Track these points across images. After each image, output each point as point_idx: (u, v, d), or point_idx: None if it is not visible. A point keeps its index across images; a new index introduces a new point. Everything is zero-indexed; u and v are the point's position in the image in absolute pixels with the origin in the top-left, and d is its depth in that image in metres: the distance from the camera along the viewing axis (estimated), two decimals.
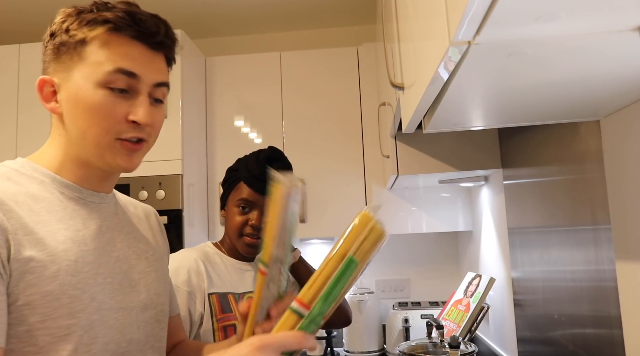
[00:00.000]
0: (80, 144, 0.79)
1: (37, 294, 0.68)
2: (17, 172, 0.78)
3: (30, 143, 2.18)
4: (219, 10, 2.51)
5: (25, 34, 2.60)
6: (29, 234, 0.70)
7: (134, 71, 0.77)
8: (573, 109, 1.00)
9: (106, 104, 0.76)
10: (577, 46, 0.65)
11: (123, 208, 0.91)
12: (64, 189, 0.79)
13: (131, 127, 0.78)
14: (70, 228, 0.76)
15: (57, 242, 0.72)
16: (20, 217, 0.70)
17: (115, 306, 0.78)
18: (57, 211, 0.76)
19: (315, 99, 2.38)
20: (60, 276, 0.70)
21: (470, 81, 0.78)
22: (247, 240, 1.36)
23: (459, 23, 0.56)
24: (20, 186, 0.75)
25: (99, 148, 0.78)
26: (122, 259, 0.83)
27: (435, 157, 1.83)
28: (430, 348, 1.75)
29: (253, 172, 1.36)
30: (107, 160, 0.78)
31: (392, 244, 2.64)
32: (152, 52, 0.79)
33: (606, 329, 1.11)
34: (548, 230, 1.42)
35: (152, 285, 0.87)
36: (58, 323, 0.70)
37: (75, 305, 0.71)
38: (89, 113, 0.76)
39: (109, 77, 0.76)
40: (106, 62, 0.76)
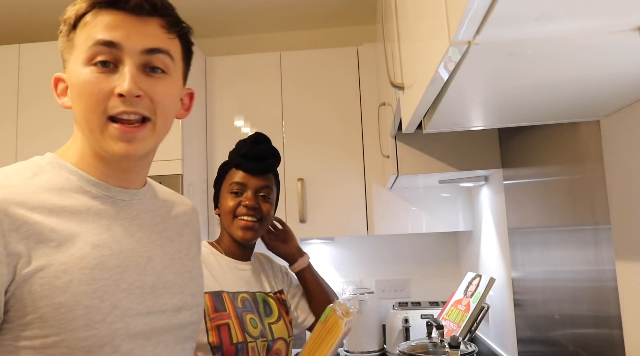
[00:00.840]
0: (84, 133, 0.75)
1: (48, 307, 0.64)
2: (43, 168, 0.73)
3: (30, 143, 2.18)
4: (219, 10, 2.51)
5: (25, 34, 2.60)
6: (43, 242, 0.66)
7: (112, 39, 0.71)
8: (573, 109, 1.00)
9: (90, 81, 0.71)
10: (577, 46, 0.65)
11: (160, 204, 0.86)
12: (90, 187, 0.75)
13: (118, 102, 0.71)
14: (91, 231, 0.71)
15: (74, 248, 0.68)
16: (35, 222, 0.66)
17: (144, 311, 0.73)
18: (81, 212, 0.72)
19: (315, 99, 2.38)
20: (72, 286, 0.66)
21: (471, 81, 0.78)
22: (241, 222, 1.32)
23: (459, 23, 0.56)
24: (45, 184, 0.71)
25: (94, 133, 0.72)
26: (155, 259, 0.78)
27: (435, 157, 1.83)
28: (430, 348, 1.75)
29: (240, 152, 1.37)
30: (103, 146, 0.73)
31: (392, 244, 2.64)
32: (137, 17, 0.73)
33: (606, 329, 1.11)
34: (548, 230, 1.42)
35: (188, 286, 0.83)
36: (75, 335, 0.65)
37: (93, 315, 0.67)
38: (79, 95, 0.73)
39: (89, 52, 0.71)
40: (87, 39, 0.72)
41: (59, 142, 1.99)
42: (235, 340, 1.22)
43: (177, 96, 0.80)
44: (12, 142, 2.19)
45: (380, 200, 2.28)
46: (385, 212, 2.28)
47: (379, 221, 2.27)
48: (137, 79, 0.72)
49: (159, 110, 0.75)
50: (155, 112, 0.74)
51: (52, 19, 2.50)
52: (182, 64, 0.81)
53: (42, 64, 2.24)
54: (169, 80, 0.77)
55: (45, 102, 2.20)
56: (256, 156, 1.36)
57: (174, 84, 0.78)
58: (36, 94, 2.22)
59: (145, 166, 0.82)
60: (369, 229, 2.29)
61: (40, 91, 2.22)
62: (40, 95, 2.21)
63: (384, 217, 2.27)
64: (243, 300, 1.30)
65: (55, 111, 2.17)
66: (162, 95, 0.75)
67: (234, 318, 1.24)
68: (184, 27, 0.80)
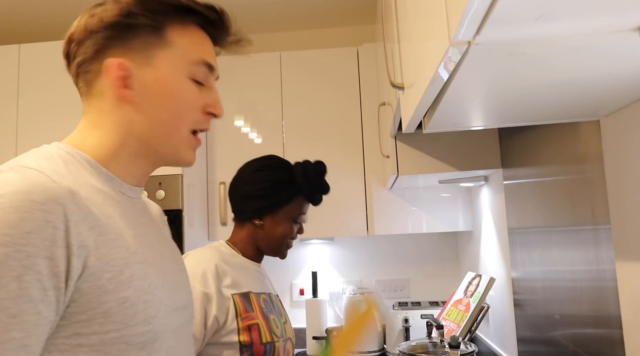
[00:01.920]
0: (157, 135, 0.73)
1: (113, 301, 0.62)
2: (71, 161, 0.68)
3: (30, 143, 2.17)
4: None
5: (25, 34, 2.60)
6: (104, 233, 0.63)
7: (213, 63, 0.77)
8: (573, 109, 1.00)
9: (192, 95, 0.75)
10: (577, 46, 0.65)
11: (147, 204, 0.86)
12: (109, 182, 0.71)
13: (207, 119, 0.78)
14: (128, 225, 0.69)
15: (127, 242, 0.66)
16: (92, 212, 0.63)
17: (173, 307, 0.73)
18: (114, 205, 0.69)
19: (315, 99, 2.38)
20: (134, 281, 0.65)
21: (470, 81, 0.78)
22: (290, 245, 1.41)
23: (459, 23, 0.56)
24: (78, 174, 0.66)
25: (175, 140, 0.74)
26: (165, 256, 0.78)
27: (435, 157, 1.83)
28: (430, 348, 1.75)
29: (317, 188, 1.40)
30: (180, 153, 0.76)
31: (392, 244, 2.64)
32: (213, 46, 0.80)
33: (606, 329, 1.11)
34: (548, 230, 1.42)
35: (185, 285, 0.84)
36: (135, 330, 0.64)
37: (150, 310, 0.66)
38: (176, 103, 0.73)
39: (195, 69, 0.75)
40: (194, 53, 0.75)
41: (58, 141, 1.98)
42: (264, 340, 1.26)
43: None
44: (12, 142, 2.19)
45: (380, 200, 2.28)
46: (385, 212, 2.28)
47: (379, 221, 2.27)
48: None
49: None
50: None
51: (52, 19, 2.50)
52: None
53: (42, 64, 2.24)
54: None
55: (45, 102, 2.20)
56: (324, 191, 1.42)
57: None
58: (36, 94, 2.22)
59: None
60: (369, 229, 2.29)
61: (40, 90, 2.22)
62: (40, 95, 2.21)
63: (384, 217, 2.27)
64: (265, 301, 1.34)
65: (56, 111, 2.18)
66: None
67: (261, 319, 1.28)
68: None
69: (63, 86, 2.19)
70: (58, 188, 0.59)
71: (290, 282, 2.66)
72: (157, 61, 0.72)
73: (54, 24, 2.53)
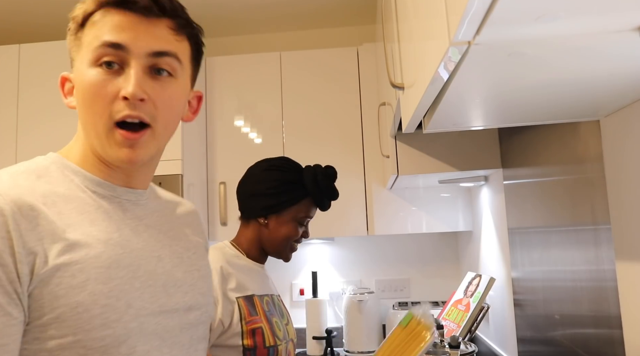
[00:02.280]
0: (89, 136, 0.73)
1: (65, 306, 0.63)
2: (47, 169, 0.72)
3: (30, 142, 2.18)
4: (219, 11, 2.51)
5: (25, 34, 2.60)
6: (57, 241, 0.65)
7: (119, 41, 0.69)
8: (573, 109, 1.00)
9: (96, 83, 0.69)
10: (577, 46, 0.65)
11: (164, 204, 0.85)
12: (96, 188, 0.73)
13: (126, 105, 0.69)
14: (103, 230, 0.70)
15: (88, 247, 0.67)
16: (49, 222, 0.65)
17: (157, 311, 0.72)
18: (90, 212, 0.70)
19: (315, 99, 2.38)
20: (89, 285, 0.65)
21: (470, 81, 0.78)
22: (294, 248, 1.41)
23: (459, 23, 0.56)
24: (50, 185, 0.69)
25: (99, 138, 0.71)
26: (164, 258, 0.77)
27: (435, 157, 1.83)
28: (430, 348, 1.75)
29: (326, 193, 1.39)
30: (107, 151, 0.72)
31: (392, 244, 2.64)
32: (146, 18, 0.71)
33: (606, 329, 1.11)
34: (548, 230, 1.42)
35: (197, 284, 0.81)
36: (91, 335, 0.64)
37: (109, 314, 0.66)
38: (84, 97, 0.71)
39: (96, 53, 0.70)
40: (95, 40, 0.70)
41: (58, 141, 2.00)
42: (268, 344, 1.26)
43: (182, 100, 0.78)
44: (12, 142, 2.19)
45: (380, 200, 2.28)
46: (385, 212, 2.28)
47: (379, 221, 2.27)
48: (143, 82, 0.70)
49: (160, 116, 0.73)
50: (156, 119, 0.72)
51: (52, 19, 2.50)
52: (190, 65, 0.79)
53: (42, 64, 2.24)
54: (175, 83, 0.75)
55: (45, 102, 2.20)
56: (333, 196, 1.41)
57: (180, 87, 0.76)
58: (36, 94, 2.22)
59: (150, 169, 0.80)
60: (369, 229, 2.29)
61: (40, 90, 2.22)
62: (40, 95, 2.21)
63: (384, 217, 2.27)
64: (267, 303, 1.34)
65: (55, 110, 2.17)
66: (166, 100, 0.73)
67: (265, 322, 1.28)
68: (194, 28, 0.78)
69: None
70: (3, 202, 0.62)
71: (290, 282, 2.66)
72: (76, 64, 0.73)
73: (54, 24, 2.53)
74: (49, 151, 0.79)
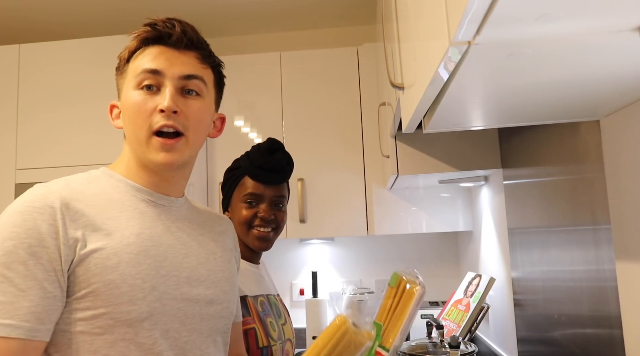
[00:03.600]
0: (133, 147, 0.88)
1: (100, 282, 0.77)
2: (97, 177, 0.89)
3: (30, 143, 2.18)
4: (219, 10, 2.51)
5: (25, 34, 2.60)
6: (97, 230, 0.80)
7: (156, 67, 0.86)
8: (573, 109, 1.00)
9: (138, 102, 0.86)
10: (577, 46, 0.65)
11: (197, 214, 0.99)
12: (136, 193, 0.88)
13: (161, 117, 0.85)
14: (137, 225, 0.84)
15: (123, 237, 0.81)
16: (91, 216, 0.81)
17: (179, 297, 0.85)
18: (128, 210, 0.85)
19: (315, 99, 2.38)
20: (120, 266, 0.79)
21: (470, 81, 0.78)
22: (257, 232, 1.32)
23: (459, 23, 0.56)
24: (98, 189, 0.86)
25: (141, 145, 0.86)
26: (190, 256, 0.90)
27: (435, 157, 1.83)
28: (430, 348, 1.75)
29: (256, 163, 1.34)
30: (148, 156, 0.86)
31: (392, 244, 2.64)
32: (178, 50, 0.89)
33: (606, 329, 1.11)
34: (548, 230, 1.42)
35: (220, 283, 0.93)
36: (120, 308, 0.78)
37: (135, 293, 0.79)
38: (129, 114, 0.87)
39: (138, 79, 0.86)
40: (137, 69, 0.87)
41: (58, 141, 2.01)
42: (261, 344, 1.24)
43: (209, 116, 0.94)
44: (12, 142, 2.19)
45: (380, 200, 2.29)
46: (385, 212, 2.28)
47: (379, 221, 2.27)
48: (176, 98, 0.86)
49: (191, 126, 0.88)
50: (188, 128, 0.87)
51: (52, 19, 2.50)
52: (214, 91, 0.96)
53: (42, 64, 2.24)
54: (202, 101, 0.90)
55: (45, 102, 2.20)
56: (273, 167, 1.34)
57: (207, 105, 0.92)
58: (36, 93, 2.22)
59: (183, 177, 0.94)
60: (369, 229, 2.29)
61: (40, 90, 2.22)
62: (40, 95, 2.21)
63: (384, 217, 2.27)
64: (262, 303, 1.32)
65: (55, 111, 2.17)
66: (195, 113, 0.89)
67: (258, 323, 1.26)
68: (215, 59, 0.96)
69: (63, 85, 2.19)
70: (54, 197, 0.79)
71: (290, 282, 2.66)
72: (122, 92, 0.90)
73: (54, 24, 2.53)
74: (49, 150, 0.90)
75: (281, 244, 2.64)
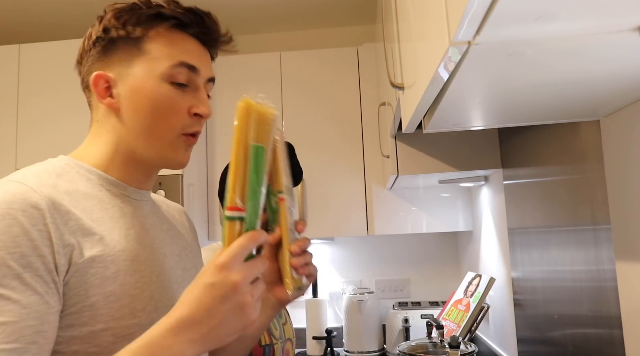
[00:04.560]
0: (140, 139, 0.78)
1: (99, 295, 0.68)
2: (63, 169, 0.76)
3: (30, 142, 2.18)
4: (219, 11, 2.50)
5: (25, 34, 2.60)
6: (88, 234, 0.70)
7: (195, 64, 0.78)
8: (573, 109, 1.00)
9: (172, 98, 0.77)
10: (577, 46, 0.65)
11: (157, 205, 0.90)
12: (110, 187, 0.78)
13: (195, 121, 0.79)
14: (122, 226, 0.75)
15: (114, 241, 0.72)
16: (77, 217, 0.70)
17: (169, 304, 0.74)
18: (108, 209, 0.75)
19: (315, 99, 2.38)
20: (120, 276, 0.70)
21: (470, 81, 0.78)
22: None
23: (459, 23, 0.56)
24: (71, 183, 0.74)
25: (162, 143, 0.78)
26: (168, 256, 0.82)
27: (435, 157, 1.83)
28: (430, 348, 1.75)
29: None
30: (167, 155, 0.79)
31: (392, 244, 2.64)
32: (204, 48, 0.82)
33: (606, 329, 1.11)
34: (548, 230, 1.42)
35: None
36: (121, 323, 0.69)
37: (136, 304, 0.71)
38: (154, 107, 0.76)
39: (172, 71, 0.76)
40: (169, 57, 0.76)
41: (58, 141, 2.02)
42: (263, 342, 1.25)
43: None
44: (12, 142, 2.19)
45: (380, 200, 2.28)
46: (385, 212, 2.28)
47: (379, 221, 2.27)
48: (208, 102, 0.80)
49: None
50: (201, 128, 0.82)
51: (52, 19, 2.50)
52: None
53: (42, 64, 2.24)
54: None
55: (45, 102, 2.20)
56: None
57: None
58: (36, 94, 2.22)
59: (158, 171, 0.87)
60: (369, 229, 2.29)
61: (40, 90, 2.22)
62: (40, 95, 2.21)
63: (384, 217, 2.27)
64: None
65: (55, 111, 2.17)
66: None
67: None
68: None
69: (63, 86, 2.19)
70: (38, 197, 0.66)
71: None
72: (135, 70, 0.76)
73: (54, 24, 2.52)
74: (49, 150, 0.81)
75: None
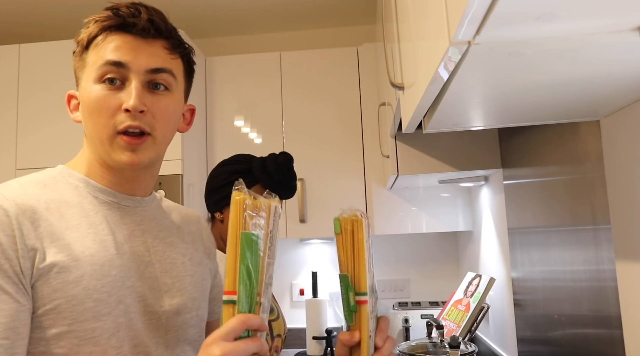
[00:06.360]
0: (94, 145, 0.81)
1: (62, 298, 0.70)
2: (54, 179, 0.80)
3: (30, 142, 2.18)
4: (219, 11, 2.51)
5: (25, 34, 2.60)
6: (56, 240, 0.72)
7: (120, 59, 0.77)
8: (573, 109, 1.00)
9: (101, 98, 0.77)
10: (577, 46, 0.65)
11: (165, 213, 0.91)
12: (97, 193, 0.81)
13: (127, 116, 0.77)
14: (100, 232, 0.77)
15: (84, 247, 0.74)
16: (49, 224, 0.73)
17: (143, 310, 0.78)
18: (89, 215, 0.78)
19: (315, 99, 2.38)
20: (84, 280, 0.72)
21: (470, 81, 0.78)
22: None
23: (459, 23, 0.56)
24: (55, 193, 0.78)
25: (104, 145, 0.79)
26: (155, 263, 0.83)
27: (435, 157, 1.83)
28: (430, 348, 1.75)
29: (274, 177, 1.33)
30: (112, 156, 0.79)
31: (392, 244, 2.64)
32: (144, 40, 0.80)
33: (606, 329, 1.11)
34: (548, 230, 1.42)
35: (187, 289, 0.86)
36: (84, 326, 0.71)
37: (101, 308, 0.72)
38: (90, 110, 0.79)
39: (100, 71, 0.78)
40: (98, 59, 0.78)
41: (58, 141, 2.03)
42: None
43: (178, 111, 0.86)
44: (12, 142, 2.19)
45: (380, 200, 2.28)
46: (385, 212, 2.28)
47: (379, 221, 2.27)
48: (142, 95, 0.78)
49: (158, 125, 0.80)
50: (155, 127, 0.80)
51: (52, 19, 2.50)
52: (184, 81, 0.87)
53: (42, 64, 2.24)
54: (170, 96, 0.82)
55: (45, 102, 2.20)
56: (290, 186, 1.35)
57: (176, 100, 0.84)
58: (36, 93, 2.22)
59: (150, 175, 0.87)
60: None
61: (39, 90, 2.22)
62: (40, 95, 2.21)
63: (383, 217, 2.27)
64: None
65: (55, 111, 2.17)
66: (163, 111, 0.81)
67: None
68: (186, 48, 0.86)
69: (63, 86, 2.18)
70: (8, 204, 0.71)
71: (290, 282, 2.66)
72: (82, 83, 0.81)
73: (54, 24, 2.52)
74: (48, 150, 0.84)
75: (281, 244, 2.64)
